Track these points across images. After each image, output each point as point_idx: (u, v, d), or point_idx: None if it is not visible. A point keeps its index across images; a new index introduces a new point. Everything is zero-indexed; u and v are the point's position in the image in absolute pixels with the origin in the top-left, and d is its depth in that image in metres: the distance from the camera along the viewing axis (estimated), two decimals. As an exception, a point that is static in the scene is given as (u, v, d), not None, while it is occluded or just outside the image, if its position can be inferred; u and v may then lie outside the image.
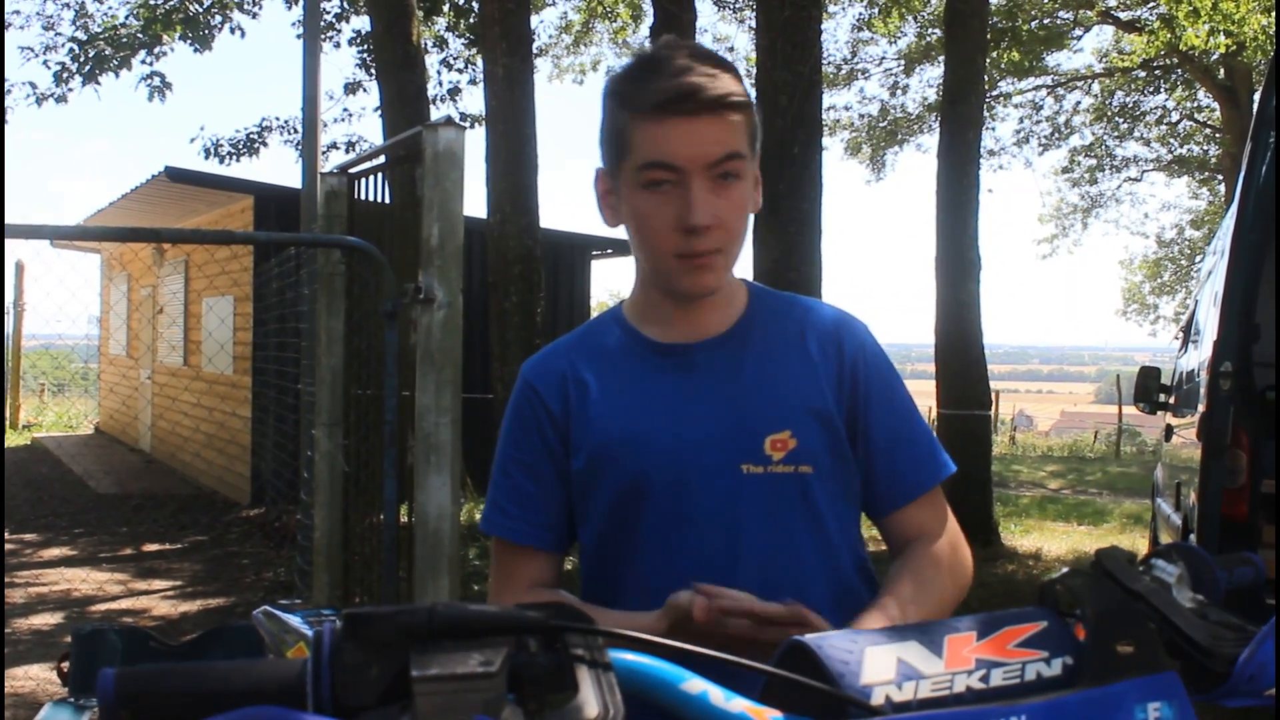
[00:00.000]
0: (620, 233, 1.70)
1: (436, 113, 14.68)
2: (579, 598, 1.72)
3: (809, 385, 1.63)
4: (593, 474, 1.64)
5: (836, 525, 1.64)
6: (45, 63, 14.49)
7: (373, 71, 14.46)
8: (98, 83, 14.32)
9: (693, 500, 1.59)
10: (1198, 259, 26.62)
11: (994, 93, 23.87)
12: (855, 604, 1.62)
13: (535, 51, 13.78)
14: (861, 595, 1.66)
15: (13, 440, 18.95)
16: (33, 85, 14.77)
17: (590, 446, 1.64)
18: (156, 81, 14.41)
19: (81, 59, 14.23)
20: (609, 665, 0.82)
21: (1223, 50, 19.36)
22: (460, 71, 16.99)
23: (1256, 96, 5.51)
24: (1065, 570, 1.01)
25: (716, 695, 0.86)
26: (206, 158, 15.46)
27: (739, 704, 0.86)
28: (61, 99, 14.45)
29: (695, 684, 0.87)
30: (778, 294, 1.76)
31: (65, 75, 14.25)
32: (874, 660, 0.88)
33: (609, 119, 1.61)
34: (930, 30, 22.53)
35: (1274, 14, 17.80)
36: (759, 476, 1.58)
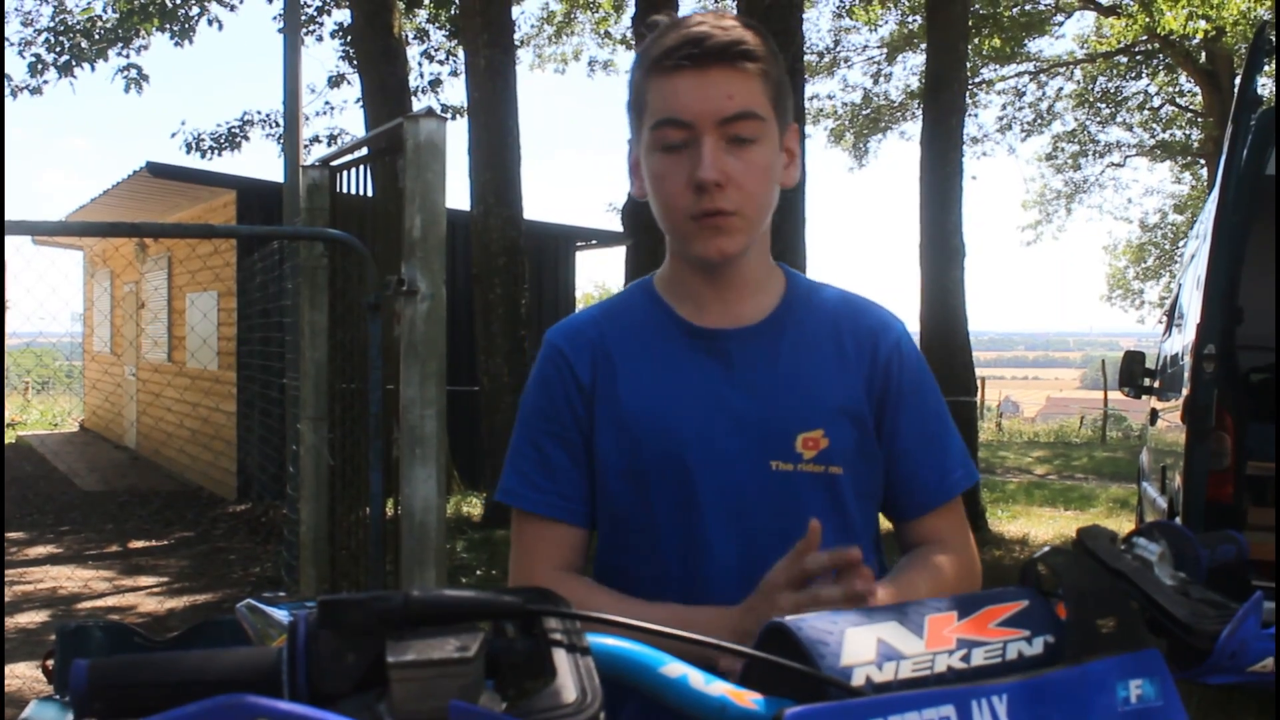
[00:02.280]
0: (604, 223, 1.67)
1: (418, 104, 14.64)
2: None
3: (843, 383, 1.58)
4: (615, 454, 1.58)
5: (863, 526, 1.60)
6: (20, 54, 14.40)
7: (354, 64, 14.41)
8: (73, 75, 14.24)
9: (717, 493, 1.53)
10: (1181, 243, 26.71)
11: (976, 79, 23.93)
12: None
13: (517, 42, 13.74)
14: None
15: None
16: (8, 78, 14.68)
17: (615, 425, 1.58)
18: (133, 73, 14.34)
19: (58, 50, 14.15)
20: (587, 650, 0.81)
21: (1201, 35, 19.41)
22: (442, 63, 16.94)
23: (1238, 80, 5.52)
24: (1047, 549, 1.01)
25: (696, 678, 0.86)
26: (188, 152, 15.40)
27: (719, 687, 0.85)
28: (36, 91, 14.36)
29: (675, 667, 0.86)
30: (815, 284, 1.69)
31: (40, 67, 14.16)
32: (854, 641, 0.87)
33: (631, 83, 1.57)
34: (912, 17, 22.55)
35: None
36: (788, 474, 1.53)
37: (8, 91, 14.31)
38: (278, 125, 15.38)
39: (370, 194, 5.21)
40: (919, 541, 1.64)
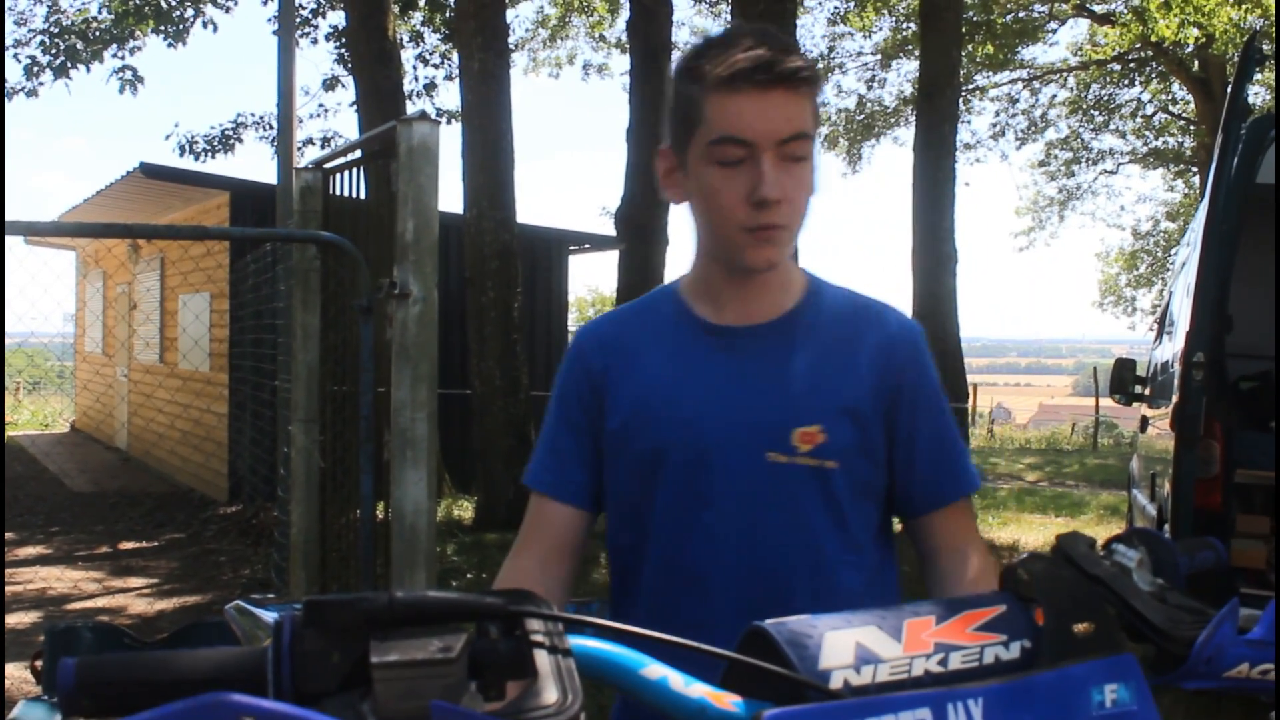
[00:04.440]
0: (597, 227, 1.71)
1: (413, 108, 14.64)
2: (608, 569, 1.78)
3: (849, 383, 1.64)
4: (622, 438, 1.67)
5: (860, 522, 1.65)
6: (15, 56, 14.39)
7: (349, 67, 14.42)
8: (68, 76, 14.23)
9: (712, 480, 1.61)
10: (1173, 250, 26.78)
11: (969, 86, 23.98)
12: (876, 601, 1.65)
13: (511, 46, 13.74)
14: (887, 593, 1.70)
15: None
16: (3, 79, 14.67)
17: (622, 413, 1.67)
18: (128, 75, 14.34)
19: (53, 52, 14.15)
20: (569, 651, 0.82)
21: (1193, 42, 19.48)
22: (436, 67, 16.98)
23: (1229, 89, 5.54)
24: (1026, 555, 1.02)
25: (676, 680, 0.87)
26: (182, 154, 15.41)
27: (699, 689, 0.86)
28: (32, 93, 14.35)
29: (655, 669, 0.87)
30: (837, 288, 1.76)
31: (35, 69, 14.15)
32: (833, 644, 0.88)
33: (679, 95, 1.61)
34: (906, 24, 22.60)
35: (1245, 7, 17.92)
36: (782, 466, 1.60)
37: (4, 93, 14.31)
38: (271, 127, 15.38)
39: (363, 197, 5.22)
40: (935, 538, 1.69)
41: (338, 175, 5.36)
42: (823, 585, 1.61)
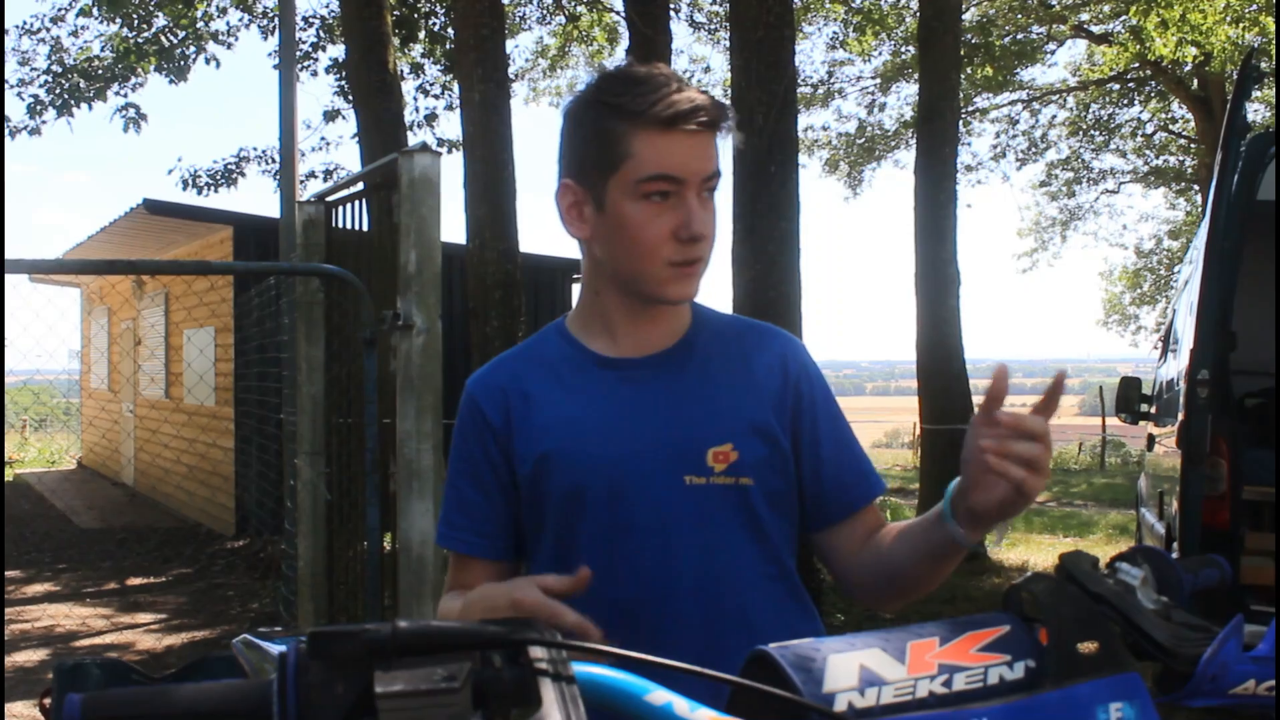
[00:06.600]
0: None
1: (414, 139, 14.68)
2: None
3: (751, 401, 1.69)
4: (537, 483, 1.68)
5: (778, 534, 1.69)
6: (19, 95, 14.46)
7: (350, 99, 14.47)
8: (71, 114, 14.30)
9: (631, 510, 1.63)
10: (1176, 269, 26.75)
11: (969, 108, 24.02)
12: (796, 610, 1.71)
13: (512, 76, 13.81)
14: (804, 602, 1.73)
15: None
16: (6, 118, 14.73)
17: (534, 456, 1.68)
18: (131, 113, 14.41)
19: (56, 90, 14.22)
20: (572, 678, 0.82)
21: (1191, 61, 19.51)
22: (437, 98, 17.00)
23: (1228, 106, 5.55)
24: (1030, 575, 1.02)
25: (681, 706, 0.86)
26: (184, 189, 15.42)
27: (704, 714, 0.86)
28: (35, 131, 14.42)
29: (659, 695, 0.87)
30: (720, 314, 1.82)
31: (39, 107, 14.22)
32: (837, 667, 0.88)
33: (597, 127, 1.61)
34: (905, 48, 22.67)
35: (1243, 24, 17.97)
36: (700, 487, 1.63)
37: (6, 132, 14.37)
38: (274, 161, 15.41)
39: (366, 229, 5.24)
40: (848, 545, 1.72)
41: (340, 208, 5.39)
42: (747, 600, 1.65)
